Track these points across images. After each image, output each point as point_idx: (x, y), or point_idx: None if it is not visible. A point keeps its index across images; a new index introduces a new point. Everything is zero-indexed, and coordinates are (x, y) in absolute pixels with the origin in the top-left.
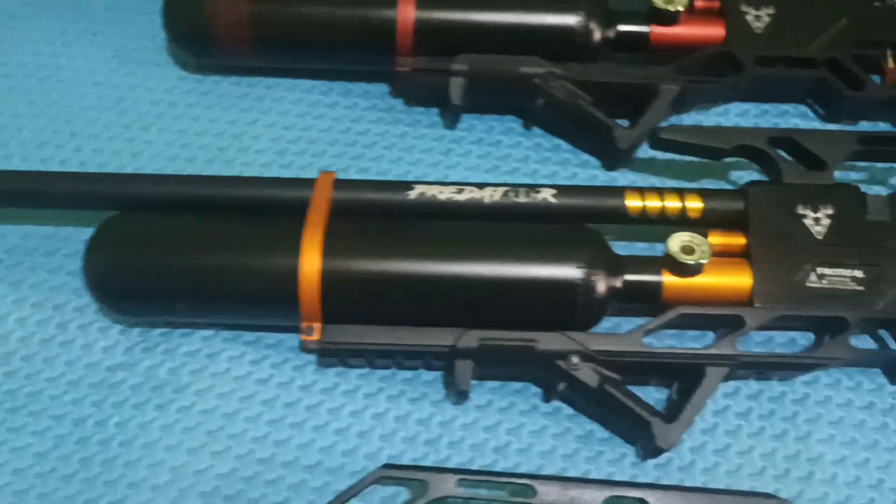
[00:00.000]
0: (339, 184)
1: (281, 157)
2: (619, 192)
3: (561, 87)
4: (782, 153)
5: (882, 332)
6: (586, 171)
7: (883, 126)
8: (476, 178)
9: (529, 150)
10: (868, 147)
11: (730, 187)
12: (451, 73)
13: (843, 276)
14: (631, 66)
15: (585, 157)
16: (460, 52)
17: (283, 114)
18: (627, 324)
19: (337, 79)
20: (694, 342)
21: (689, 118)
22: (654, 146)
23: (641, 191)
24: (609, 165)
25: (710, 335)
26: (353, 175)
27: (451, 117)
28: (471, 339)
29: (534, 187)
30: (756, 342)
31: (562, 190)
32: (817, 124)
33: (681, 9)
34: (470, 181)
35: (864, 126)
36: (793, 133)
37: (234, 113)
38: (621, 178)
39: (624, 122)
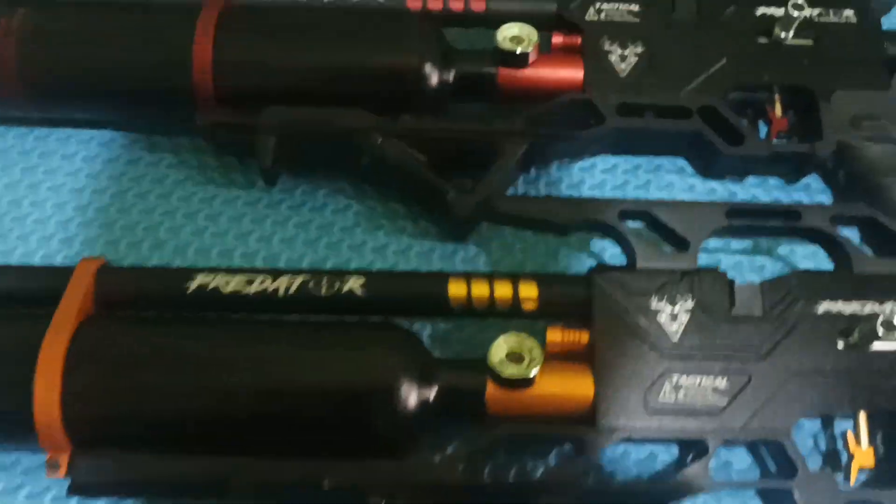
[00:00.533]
0: (104, 273)
1: (64, 230)
2: (441, 278)
3: (389, 144)
4: (638, 229)
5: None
6: (423, 243)
7: (773, 182)
8: (291, 253)
9: (360, 217)
10: (739, 221)
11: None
12: (257, 129)
13: (702, 387)
14: (475, 119)
15: (425, 224)
16: (271, 101)
17: (73, 174)
18: None
19: (144, 129)
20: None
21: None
22: (492, 219)
23: (468, 277)
24: (449, 236)
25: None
26: (145, 251)
27: (268, 176)
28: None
29: (340, 274)
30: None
31: (371, 278)
32: (697, 180)
33: (530, 50)
34: (278, 258)
35: (751, 182)
36: (648, 206)
37: (14, 173)
38: (465, 251)
39: None
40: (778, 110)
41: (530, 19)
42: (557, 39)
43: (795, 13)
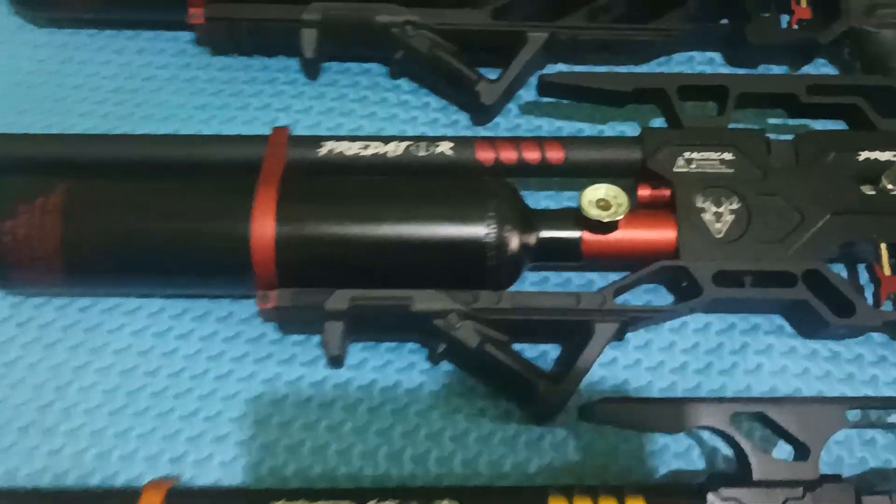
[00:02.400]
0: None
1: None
2: (541, 494)
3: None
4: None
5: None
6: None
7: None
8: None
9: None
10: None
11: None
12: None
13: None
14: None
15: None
16: (337, 282)
17: (121, 351)
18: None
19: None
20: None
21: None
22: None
23: (570, 491)
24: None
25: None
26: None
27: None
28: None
29: (428, 494)
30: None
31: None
32: (797, 342)
33: (618, 219)
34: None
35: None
36: (763, 407)
37: (58, 353)
38: (553, 434)
39: None
40: (887, 268)
41: (614, 168)
42: (644, 192)
43: None
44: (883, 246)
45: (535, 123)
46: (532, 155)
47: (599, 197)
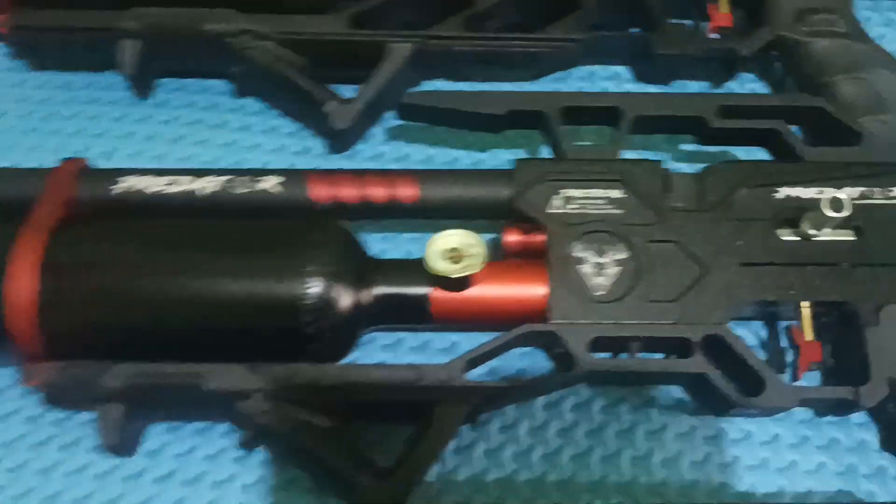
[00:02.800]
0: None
1: None
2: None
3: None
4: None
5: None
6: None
7: None
8: None
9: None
10: None
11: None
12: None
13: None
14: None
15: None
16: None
17: None
18: None
19: None
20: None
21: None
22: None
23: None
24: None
25: None
26: None
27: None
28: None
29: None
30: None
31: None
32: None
33: (472, 273)
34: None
35: None
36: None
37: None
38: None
39: None
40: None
41: (480, 209)
42: (512, 238)
43: (832, 214)
44: (805, 305)
45: (404, 151)
46: (378, 192)
47: (450, 247)
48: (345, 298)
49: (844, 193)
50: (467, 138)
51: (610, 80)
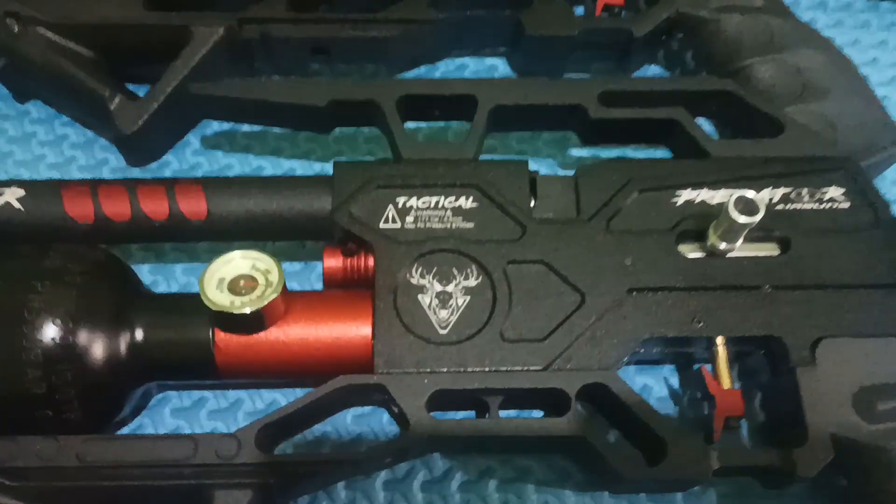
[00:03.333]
0: None
1: None
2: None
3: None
4: None
5: None
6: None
7: None
8: None
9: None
10: None
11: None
12: None
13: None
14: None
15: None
16: None
17: None
18: None
19: None
20: None
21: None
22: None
23: None
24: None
25: None
26: None
27: None
28: None
29: None
30: None
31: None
32: None
33: (262, 306)
34: None
35: None
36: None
37: None
38: None
39: None
40: None
41: (291, 228)
42: (333, 263)
43: (742, 219)
44: (719, 342)
45: (225, 162)
46: (155, 207)
47: (236, 274)
48: (97, 346)
49: (763, 195)
50: (304, 145)
51: (486, 73)
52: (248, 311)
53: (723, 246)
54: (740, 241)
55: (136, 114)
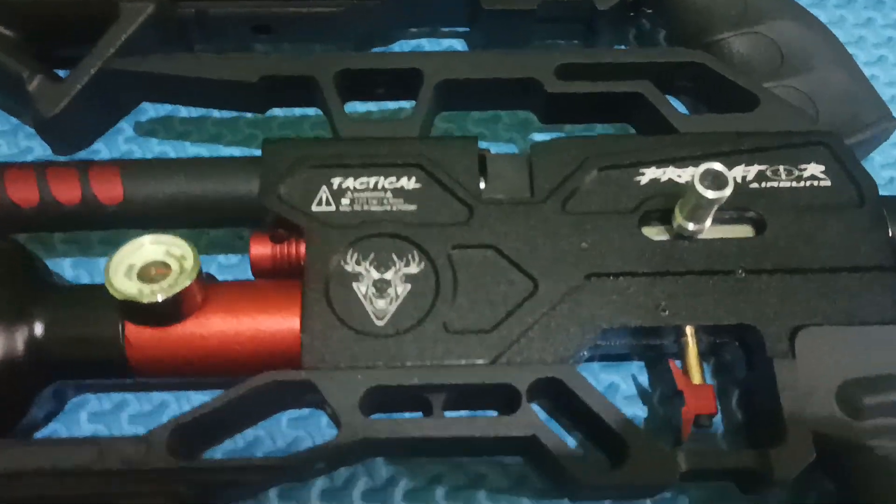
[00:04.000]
0: None
1: None
2: None
3: None
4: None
5: None
6: None
7: None
8: None
9: None
10: None
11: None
12: None
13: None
14: None
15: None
16: None
17: None
18: None
19: None
20: None
21: None
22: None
23: None
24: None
25: None
26: None
27: None
28: None
29: None
30: None
31: None
32: None
33: (175, 293)
34: None
35: None
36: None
37: None
38: None
39: None
40: None
41: (217, 211)
42: (260, 250)
43: (710, 195)
44: (688, 333)
45: (159, 150)
46: (66, 191)
47: (147, 260)
48: None
49: (735, 172)
50: (246, 131)
51: None
52: (159, 298)
53: (690, 227)
54: (709, 221)
55: (56, 96)
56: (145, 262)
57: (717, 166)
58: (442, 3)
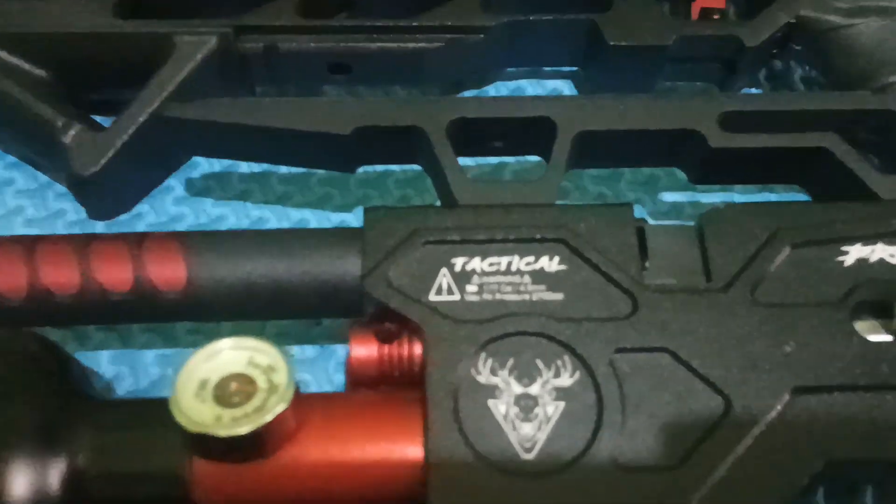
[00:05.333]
0: None
1: None
2: None
3: None
4: None
5: None
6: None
7: None
8: None
9: None
10: None
11: None
12: None
13: None
14: None
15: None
16: None
17: None
18: None
19: None
20: None
21: None
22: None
23: None
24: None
25: None
26: None
27: None
28: None
29: None
30: None
31: None
32: None
33: (265, 422)
34: None
35: None
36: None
37: None
38: None
39: None
40: None
41: (303, 302)
42: (361, 352)
43: None
44: None
45: (215, 213)
46: (114, 273)
47: (228, 373)
48: (17, 479)
49: None
50: (318, 190)
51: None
52: (242, 431)
53: None
54: None
55: (98, 149)
56: (223, 377)
57: None
58: (559, 39)
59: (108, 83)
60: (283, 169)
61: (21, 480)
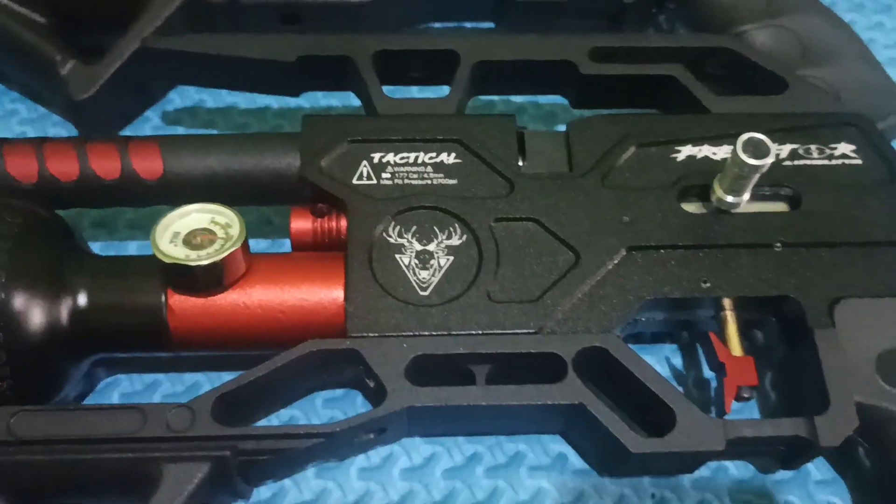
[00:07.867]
0: None
1: None
2: None
3: None
4: None
5: None
6: None
7: None
8: None
9: None
10: None
11: None
12: None
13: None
14: None
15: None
16: None
17: None
18: None
19: None
20: None
21: None
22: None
23: None
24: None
25: None
26: None
27: None
28: None
29: None
30: None
31: None
32: None
33: (222, 257)
34: None
35: None
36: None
37: None
38: None
39: None
40: None
41: (257, 187)
42: (301, 224)
43: (753, 161)
44: (727, 306)
45: None
46: (106, 165)
47: (194, 227)
48: (34, 309)
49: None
50: (272, 121)
51: None
52: (204, 262)
53: (729, 199)
54: (747, 194)
55: (90, 78)
56: (191, 230)
57: (759, 135)
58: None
59: (94, 29)
60: (243, 104)
61: (38, 309)
